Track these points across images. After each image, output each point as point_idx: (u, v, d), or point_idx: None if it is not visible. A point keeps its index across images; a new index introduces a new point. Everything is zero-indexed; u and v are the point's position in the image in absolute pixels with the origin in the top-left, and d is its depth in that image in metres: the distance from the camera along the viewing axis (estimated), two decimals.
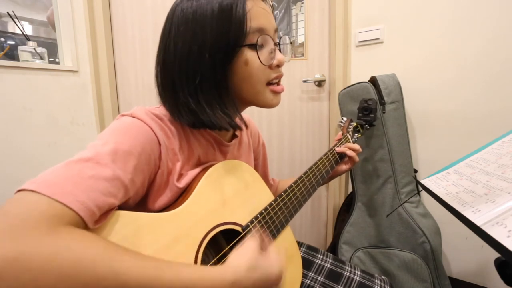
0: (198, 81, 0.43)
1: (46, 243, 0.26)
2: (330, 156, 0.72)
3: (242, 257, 0.38)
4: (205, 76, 0.43)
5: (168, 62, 0.45)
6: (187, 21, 0.43)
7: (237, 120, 0.49)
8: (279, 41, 0.50)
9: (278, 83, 0.50)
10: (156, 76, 0.48)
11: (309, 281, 0.64)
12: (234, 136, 0.59)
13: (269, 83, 0.49)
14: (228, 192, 0.50)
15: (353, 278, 0.65)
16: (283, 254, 0.46)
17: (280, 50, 0.50)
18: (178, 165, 0.45)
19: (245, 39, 0.43)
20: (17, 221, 0.27)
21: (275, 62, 0.47)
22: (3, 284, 0.23)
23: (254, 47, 0.44)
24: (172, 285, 0.31)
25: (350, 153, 0.74)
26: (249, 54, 0.44)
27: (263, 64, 0.45)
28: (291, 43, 0.56)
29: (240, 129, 0.49)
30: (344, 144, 0.77)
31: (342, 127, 0.87)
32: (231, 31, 0.42)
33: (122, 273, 0.28)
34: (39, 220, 0.28)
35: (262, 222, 0.52)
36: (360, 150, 0.77)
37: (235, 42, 0.43)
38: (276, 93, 0.50)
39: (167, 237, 0.39)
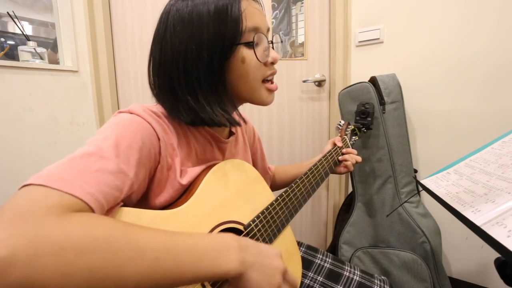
0: (196, 79, 0.44)
1: (60, 224, 0.26)
2: (329, 157, 0.74)
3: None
4: (203, 75, 0.44)
5: (164, 62, 0.45)
6: (183, 21, 0.43)
7: (236, 116, 0.50)
8: (272, 39, 0.52)
9: (272, 81, 0.52)
10: (150, 76, 0.48)
11: (308, 281, 0.64)
12: (231, 133, 0.59)
13: (264, 81, 0.50)
14: (231, 191, 0.50)
15: (352, 278, 0.65)
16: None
17: (273, 48, 0.52)
18: (178, 160, 0.45)
19: (242, 37, 0.45)
20: (27, 211, 0.26)
21: (270, 59, 0.49)
22: (19, 270, 0.22)
23: (250, 45, 0.46)
24: (184, 242, 0.33)
25: (350, 159, 0.76)
26: (245, 52, 0.46)
27: (259, 61, 0.47)
28: (281, 42, 0.59)
29: (239, 125, 0.50)
30: (344, 149, 0.79)
31: (340, 130, 0.89)
32: (227, 31, 0.43)
33: (136, 239, 0.29)
34: (49, 210, 0.27)
35: (264, 222, 0.52)
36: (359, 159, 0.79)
37: (232, 41, 0.44)
38: (271, 91, 0.52)
39: None
